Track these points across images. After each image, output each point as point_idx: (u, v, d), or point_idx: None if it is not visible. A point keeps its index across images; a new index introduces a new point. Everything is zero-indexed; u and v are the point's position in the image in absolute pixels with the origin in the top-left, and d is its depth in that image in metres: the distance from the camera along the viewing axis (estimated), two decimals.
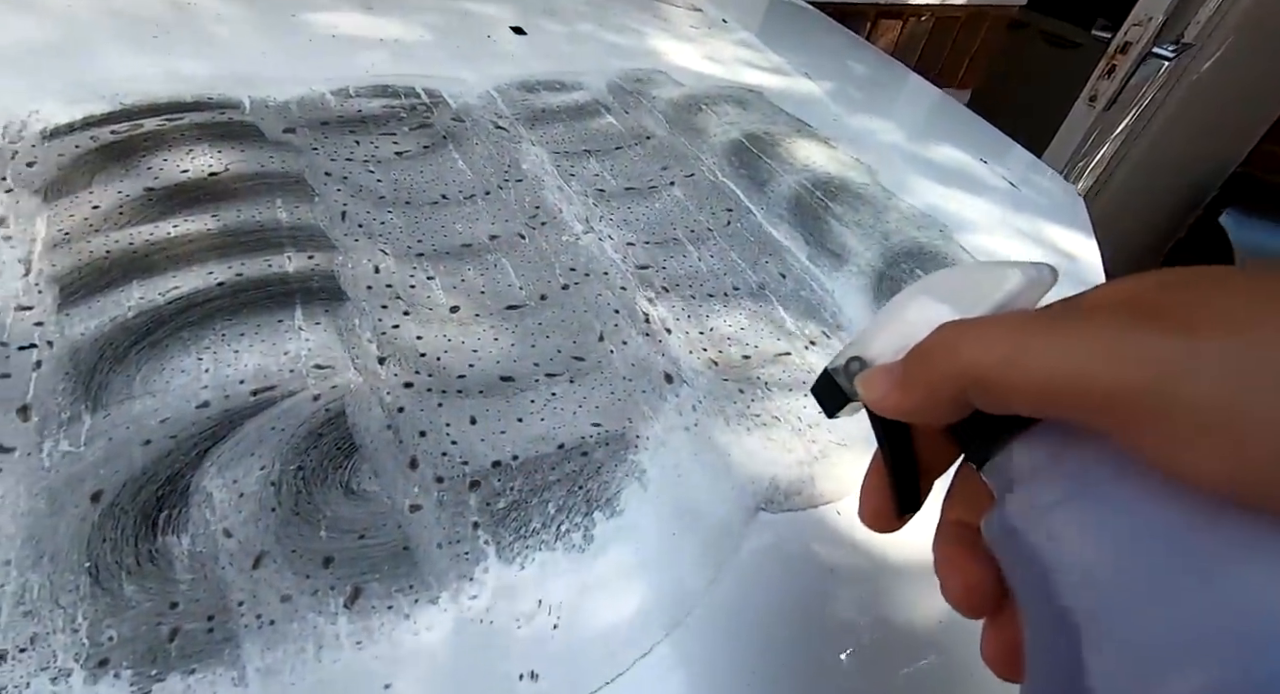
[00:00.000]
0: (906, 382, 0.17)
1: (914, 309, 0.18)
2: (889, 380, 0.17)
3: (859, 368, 0.18)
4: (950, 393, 0.15)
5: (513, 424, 0.30)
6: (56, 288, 0.30)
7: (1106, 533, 0.14)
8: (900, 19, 1.40)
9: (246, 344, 0.30)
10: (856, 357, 0.18)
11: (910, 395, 0.16)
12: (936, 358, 0.16)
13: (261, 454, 0.26)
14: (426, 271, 0.36)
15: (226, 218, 0.36)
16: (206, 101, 0.45)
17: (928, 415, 0.17)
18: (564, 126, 0.52)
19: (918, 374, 0.16)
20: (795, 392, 0.34)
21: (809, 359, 0.36)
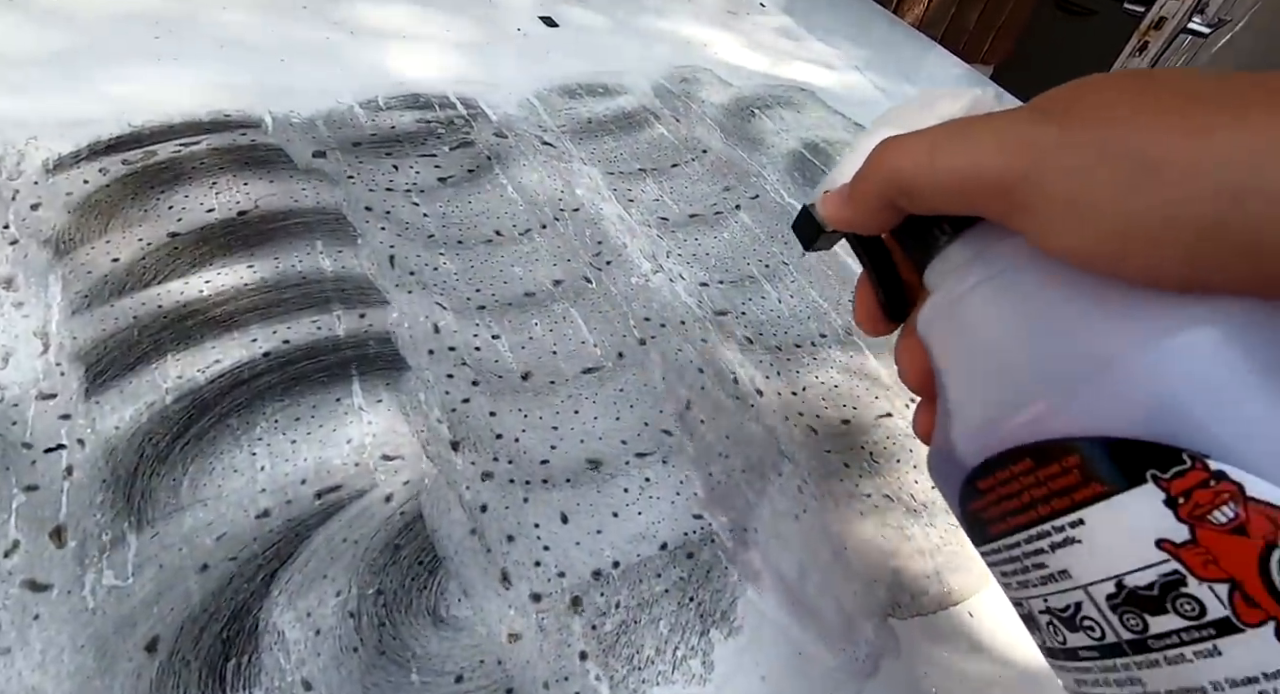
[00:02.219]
0: (850, 195, 0.19)
1: (869, 139, 0.19)
2: (839, 196, 0.19)
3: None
4: (881, 200, 0.18)
5: (608, 521, 0.26)
6: (81, 368, 0.26)
7: (992, 307, 0.16)
8: None
9: (303, 431, 0.26)
10: (828, 190, 0.20)
11: (853, 206, 0.19)
12: (870, 169, 0.18)
13: (335, 576, 0.23)
14: (490, 329, 0.32)
15: (264, 269, 0.32)
16: (224, 120, 0.40)
17: (870, 223, 0.19)
18: (614, 140, 0.48)
19: (857, 186, 0.18)
20: (904, 463, 0.31)
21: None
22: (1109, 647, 0.14)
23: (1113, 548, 0.13)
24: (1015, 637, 0.26)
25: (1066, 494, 0.14)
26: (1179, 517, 0.12)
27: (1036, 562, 0.15)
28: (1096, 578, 0.14)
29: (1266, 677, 0.12)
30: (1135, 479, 0.13)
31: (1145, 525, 0.13)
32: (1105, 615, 0.14)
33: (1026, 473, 0.14)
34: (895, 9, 1.34)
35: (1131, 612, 0.13)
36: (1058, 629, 0.15)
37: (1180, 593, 0.12)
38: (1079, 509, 0.14)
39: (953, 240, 0.17)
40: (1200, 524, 0.12)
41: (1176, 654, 0.13)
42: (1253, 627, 0.12)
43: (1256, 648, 0.12)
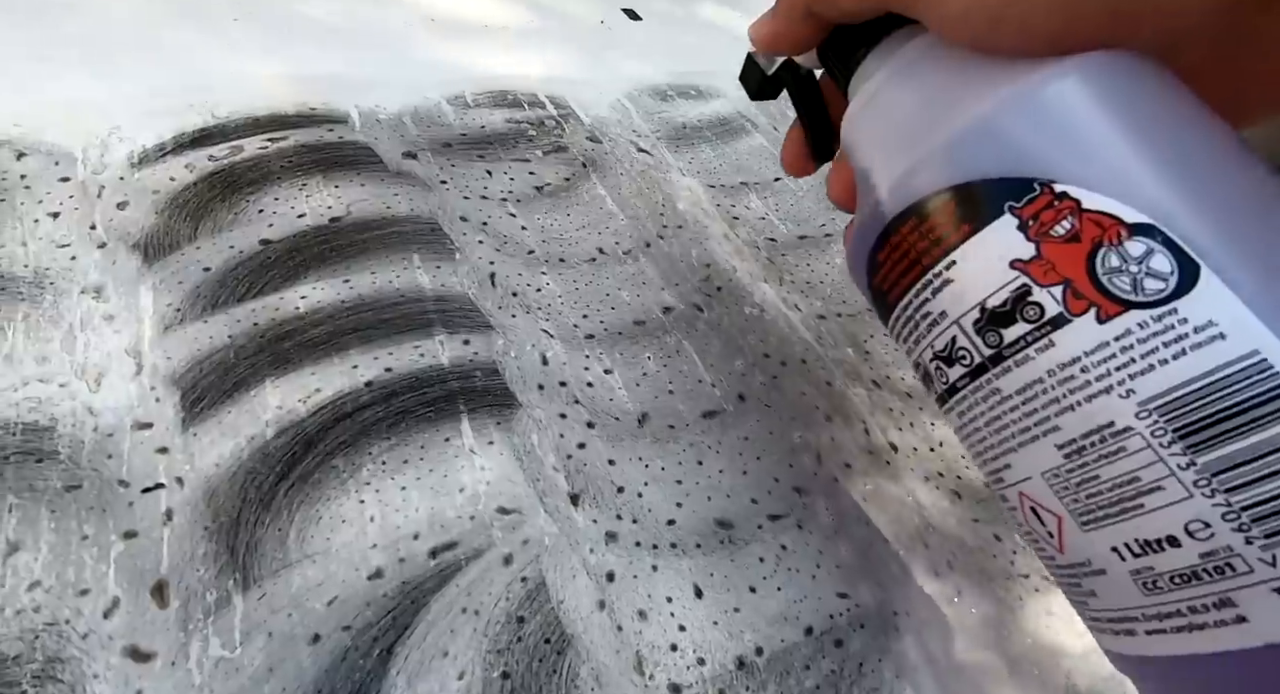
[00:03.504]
0: (774, 11, 0.20)
1: None
2: (763, 18, 0.21)
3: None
4: (800, 8, 0.19)
5: (746, 596, 0.23)
6: (177, 393, 0.24)
7: (894, 96, 0.18)
8: None
9: (413, 476, 0.24)
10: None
11: (776, 21, 0.20)
12: None
13: (457, 654, 0.20)
14: (602, 362, 0.30)
15: (361, 284, 0.29)
16: (310, 114, 0.38)
17: (795, 37, 0.20)
18: (711, 150, 0.45)
19: (780, 1, 0.20)
20: None
21: None
22: (976, 368, 0.16)
23: (977, 278, 0.15)
24: None
25: (943, 241, 0.16)
26: (1028, 237, 0.15)
27: (923, 312, 0.17)
28: (966, 308, 0.16)
29: (1086, 354, 0.14)
30: (996, 213, 0.15)
31: (1002, 251, 0.15)
32: (972, 340, 0.16)
33: (914, 231, 0.16)
34: None
35: (991, 329, 0.15)
36: (942, 370, 0.17)
37: (1027, 302, 0.15)
38: (953, 251, 0.16)
39: (870, 51, 0.19)
40: (1045, 240, 0.14)
41: (1023, 356, 0.15)
42: (1079, 316, 0.14)
43: (1080, 332, 0.14)
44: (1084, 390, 0.14)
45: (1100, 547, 0.15)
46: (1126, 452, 0.14)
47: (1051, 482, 0.15)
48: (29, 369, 0.23)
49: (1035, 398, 0.15)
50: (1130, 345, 0.13)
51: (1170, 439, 0.13)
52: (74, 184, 0.30)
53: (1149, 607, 0.14)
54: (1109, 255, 0.14)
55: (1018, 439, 0.15)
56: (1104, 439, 0.14)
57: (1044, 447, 0.15)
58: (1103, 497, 0.14)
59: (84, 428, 0.22)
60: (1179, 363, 0.13)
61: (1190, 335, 0.13)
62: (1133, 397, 0.13)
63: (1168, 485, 0.13)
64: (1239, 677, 0.13)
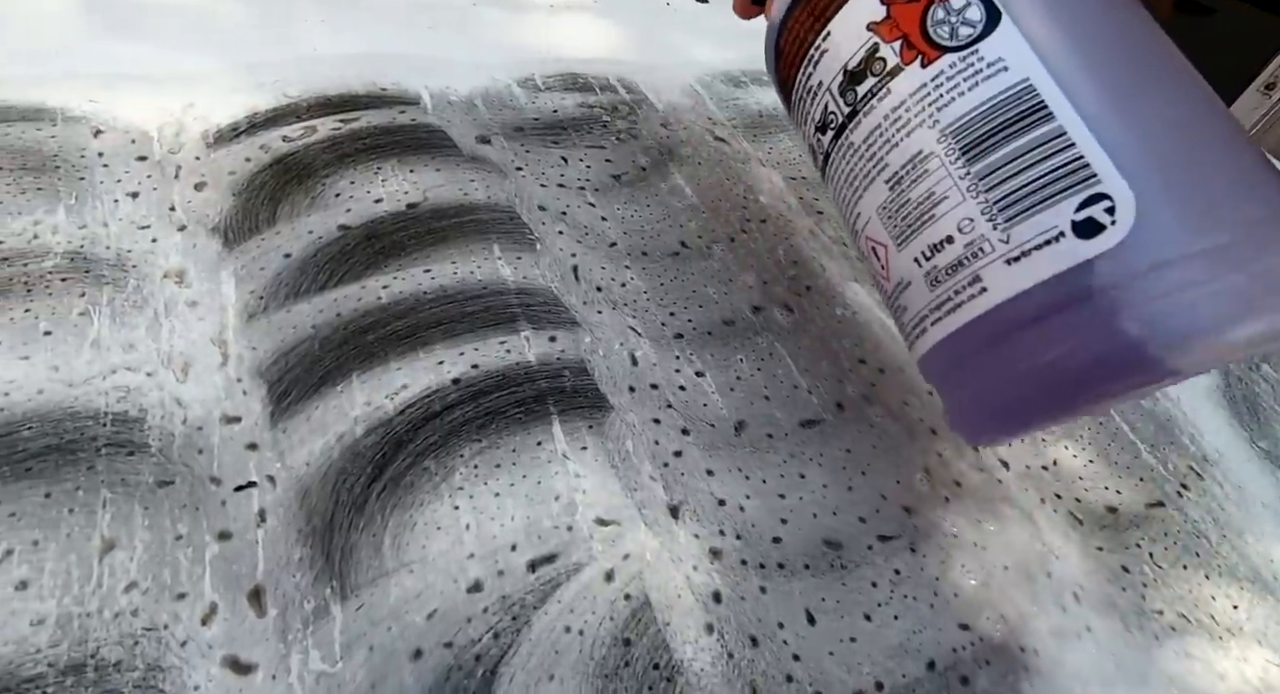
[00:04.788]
0: None
1: None
2: None
3: None
4: None
5: (861, 625, 0.22)
6: (264, 386, 0.23)
7: None
8: None
9: (506, 482, 0.22)
10: None
11: None
12: None
13: (563, 678, 0.19)
14: (693, 364, 0.28)
15: (443, 275, 0.28)
16: (382, 95, 0.37)
17: None
18: (789, 139, 0.42)
19: None
20: (1192, 570, 0.26)
21: (1188, 512, 0.28)
22: (839, 129, 0.18)
23: (842, 44, 0.18)
24: None
25: (821, 16, 0.18)
26: (883, 1, 0.17)
27: (806, 88, 0.19)
28: (833, 75, 0.18)
29: (910, 96, 0.17)
30: None
31: (862, 17, 0.17)
32: (836, 101, 0.18)
33: (803, 12, 0.18)
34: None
35: (849, 88, 0.17)
36: (820, 140, 0.19)
37: (875, 58, 0.17)
38: (828, 23, 0.18)
39: None
40: (894, 3, 0.17)
41: (868, 106, 0.17)
42: (909, 64, 0.16)
43: (908, 78, 0.17)
44: (905, 127, 0.17)
45: (907, 261, 0.18)
46: (928, 173, 0.16)
47: (881, 215, 0.18)
48: (116, 357, 0.23)
49: (874, 142, 0.17)
50: (940, 83, 0.16)
51: (956, 156, 0.16)
52: (151, 164, 0.29)
53: (932, 301, 0.17)
54: (937, 10, 0.16)
55: (861, 184, 0.18)
56: (914, 167, 0.17)
57: (877, 185, 0.18)
58: (910, 216, 0.17)
59: (173, 420, 0.21)
60: (972, 93, 0.16)
61: (984, 71, 0.16)
62: (937, 126, 0.16)
63: (950, 194, 0.16)
64: (982, 336, 0.16)
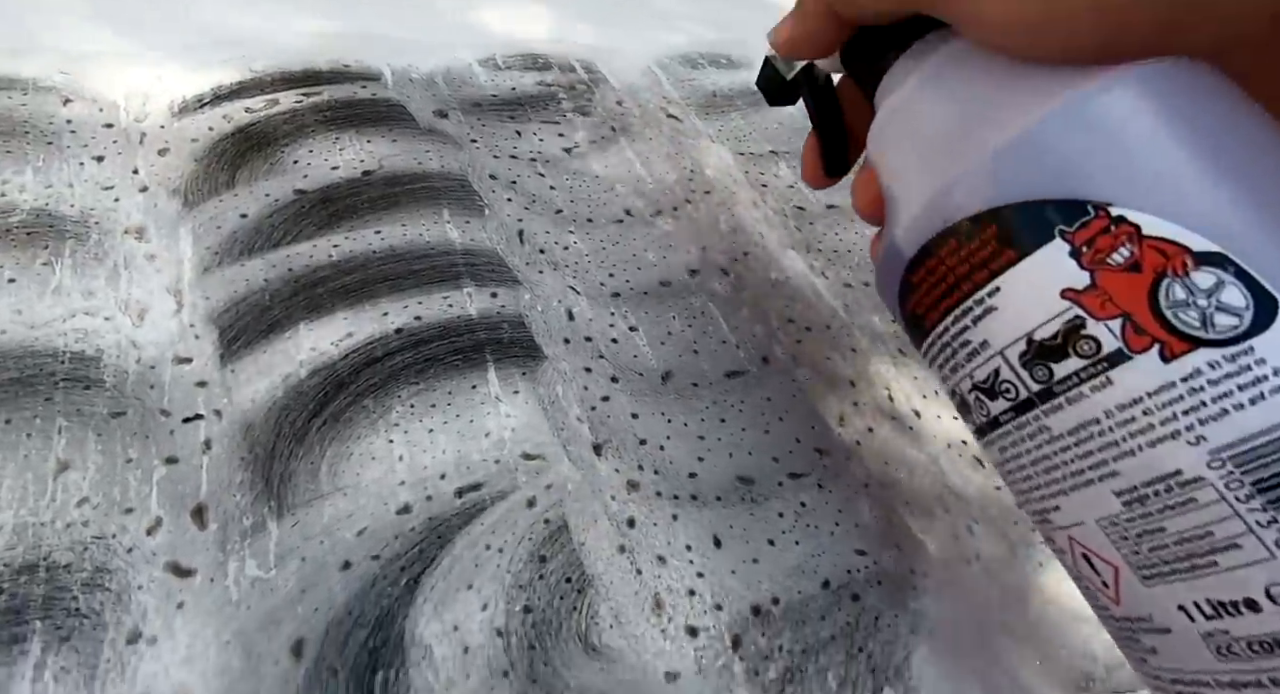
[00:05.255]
0: (794, 14, 0.19)
1: None
2: (783, 21, 0.20)
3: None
4: (822, 8, 0.18)
5: (764, 549, 0.24)
6: (215, 332, 0.25)
7: (923, 105, 0.16)
8: None
9: (440, 419, 0.24)
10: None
11: (797, 23, 0.19)
12: None
13: (481, 587, 0.21)
14: (627, 319, 0.30)
15: (391, 235, 0.30)
16: (344, 71, 0.38)
17: (817, 39, 0.19)
18: (742, 118, 0.44)
19: (801, 2, 0.19)
20: None
21: None
22: (1022, 404, 0.15)
23: (1024, 307, 0.14)
24: None
25: (985, 266, 0.15)
26: (1082, 265, 0.13)
27: (962, 340, 0.16)
28: (1011, 339, 0.15)
29: (1149, 395, 0.13)
30: (1045, 238, 0.14)
31: (1052, 279, 0.14)
32: (1018, 374, 0.15)
33: (952, 254, 0.15)
34: None
35: (1039, 364, 0.14)
36: (983, 403, 0.16)
37: (1081, 335, 0.14)
38: (996, 277, 0.14)
39: (898, 57, 0.18)
40: (1101, 268, 0.13)
41: (1076, 394, 0.14)
42: (1140, 353, 0.13)
43: (1141, 371, 0.13)
44: (1146, 434, 0.13)
45: (1165, 603, 0.13)
46: (1196, 504, 0.12)
47: (1108, 530, 0.14)
48: (76, 302, 0.24)
49: (1090, 439, 0.14)
50: (1200, 387, 0.12)
51: (1248, 493, 0.12)
52: (117, 130, 0.31)
53: (1223, 673, 0.13)
54: (1174, 287, 0.12)
55: (1069, 482, 0.14)
56: (1170, 489, 0.13)
57: (1100, 492, 0.14)
58: (1168, 550, 0.13)
59: (128, 359, 0.23)
60: (1257, 409, 0.12)
61: (1269, 378, 0.12)
62: (1203, 444, 0.12)
63: (1245, 543, 0.12)
64: None
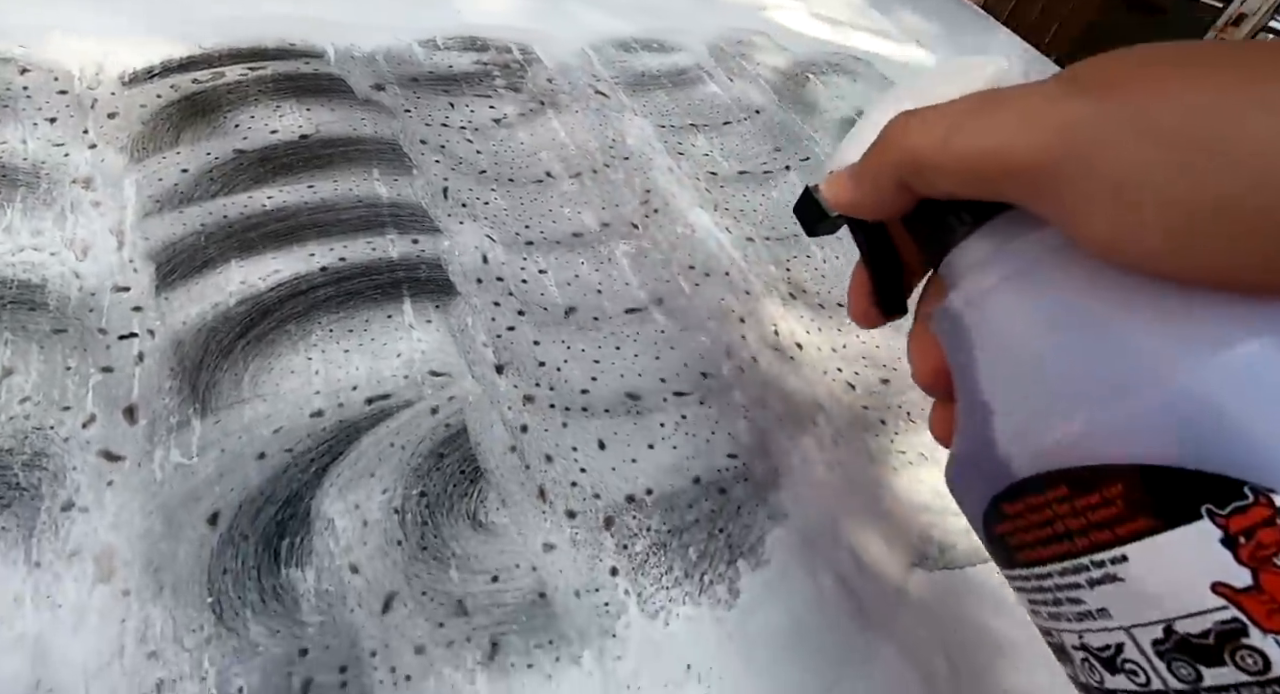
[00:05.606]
0: (858, 174, 0.17)
1: (880, 113, 0.17)
2: (846, 177, 0.18)
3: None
4: (893, 180, 0.16)
5: (643, 451, 0.27)
6: (153, 266, 0.27)
7: (1022, 308, 0.14)
8: None
9: (356, 342, 0.27)
10: (832, 171, 0.19)
11: (861, 187, 0.17)
12: (880, 148, 0.16)
13: (382, 476, 0.24)
14: (538, 264, 0.33)
15: (323, 189, 0.33)
16: (289, 49, 0.41)
17: (879, 207, 0.17)
18: (666, 95, 0.47)
19: (867, 166, 0.17)
20: None
21: None
22: (1106, 663, 0.13)
23: (1161, 589, 0.12)
24: None
25: (1108, 527, 0.12)
26: (1239, 559, 0.11)
27: (1071, 596, 0.13)
28: (1142, 621, 0.12)
29: None
30: (1188, 514, 0.11)
31: (1199, 566, 0.11)
32: (1151, 661, 0.12)
33: (1061, 501, 0.13)
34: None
35: (1183, 661, 0.12)
36: (1094, 668, 0.13)
37: (1241, 645, 0.11)
38: (1122, 544, 0.12)
39: (974, 230, 0.16)
40: (1265, 568, 0.11)
41: None
42: None
43: None
44: None
45: None
46: None
47: None
48: (25, 239, 0.27)
49: None
50: None
51: None
52: (70, 96, 0.34)
53: None
54: None
55: None
56: None
57: None
58: None
59: (70, 287, 0.26)
60: None
61: None
62: None
63: None
64: None
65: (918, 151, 0.15)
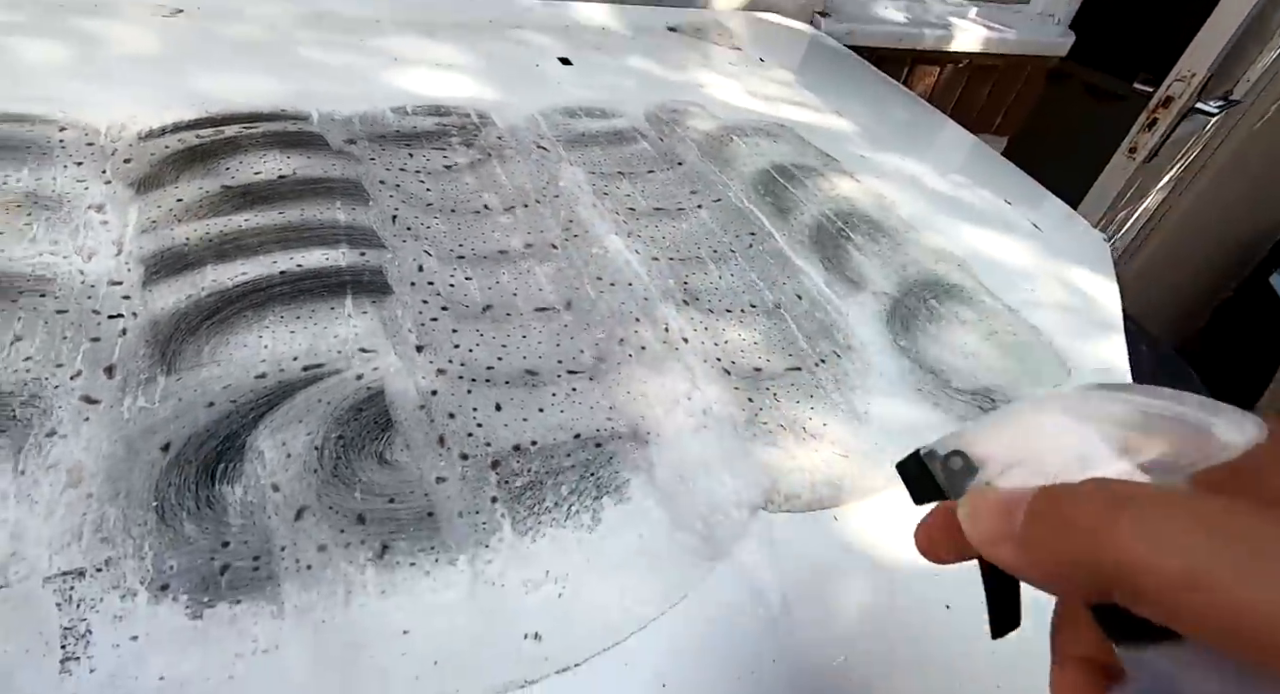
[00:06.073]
0: (1029, 542, 0.13)
1: (1050, 423, 0.14)
2: (1003, 524, 0.13)
3: (961, 466, 0.15)
4: (1087, 582, 0.12)
5: (534, 413, 0.32)
6: (143, 268, 0.34)
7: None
8: (938, 65, 1.43)
9: (301, 326, 0.33)
10: (959, 452, 0.15)
11: (1029, 559, 0.13)
12: (1079, 534, 0.12)
13: (308, 422, 0.29)
14: (465, 273, 0.39)
15: (291, 215, 0.40)
16: (280, 113, 0.50)
17: (1043, 581, 0.13)
18: (601, 150, 0.56)
19: (1047, 541, 0.13)
20: (803, 404, 0.36)
21: (818, 375, 0.38)
22: None
23: None
24: (873, 540, 0.31)
25: None
26: None
27: None
28: None
29: None
30: None
31: None
32: None
33: None
34: (905, 81, 1.43)
35: None
36: None
37: None
38: None
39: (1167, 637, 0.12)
40: None
41: None
42: None
43: None
44: None
45: None
46: None
47: None
48: (44, 247, 0.34)
49: None
50: None
51: None
52: (96, 148, 0.42)
53: None
54: None
55: None
56: None
57: None
58: None
59: (74, 280, 0.32)
60: None
61: None
62: None
63: None
64: None
65: (1148, 577, 0.11)
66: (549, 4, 0.86)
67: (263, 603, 0.23)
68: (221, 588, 0.23)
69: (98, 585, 0.22)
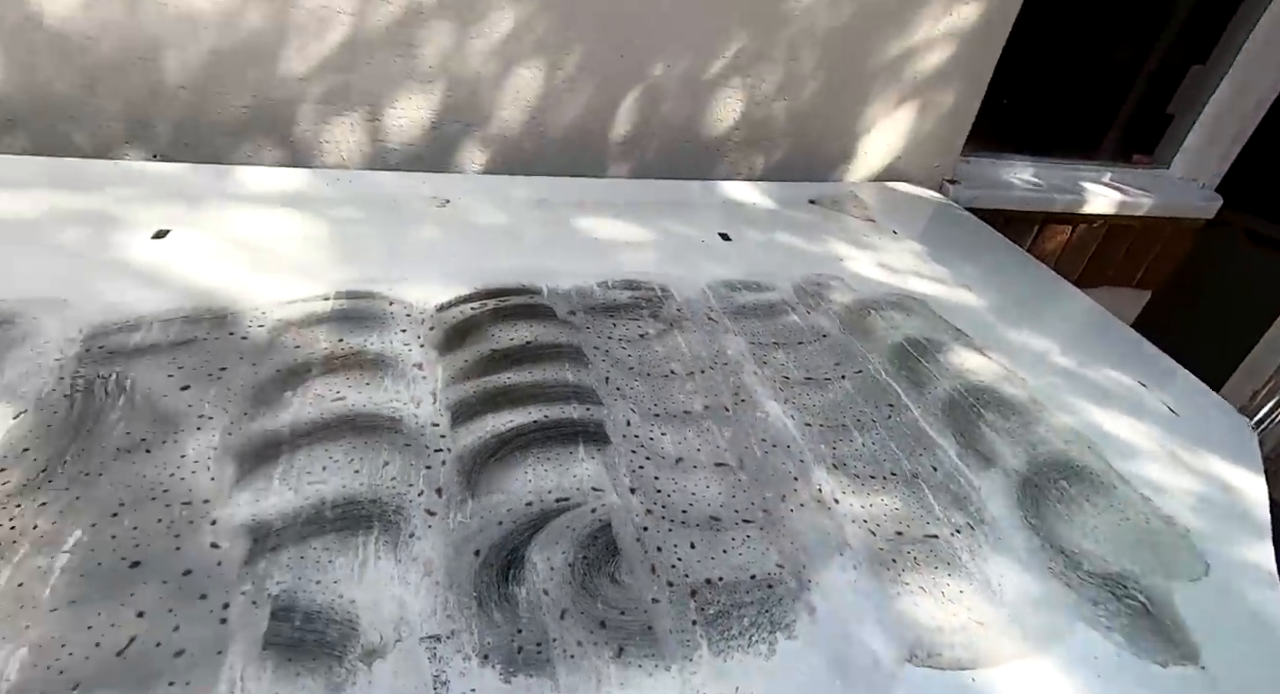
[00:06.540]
0: None
1: None
2: None
3: None
4: None
5: (719, 553, 0.41)
6: (449, 414, 0.49)
7: None
8: (1069, 225, 1.45)
9: (552, 466, 0.46)
10: None
11: None
12: None
13: (562, 543, 0.40)
14: (661, 429, 0.51)
15: (537, 375, 0.55)
16: (521, 288, 0.67)
17: None
18: (759, 322, 0.68)
19: None
20: (940, 570, 0.42)
21: (954, 545, 0.45)
22: None
23: None
24: None
25: None
26: None
27: None
28: None
29: None
30: None
31: None
32: None
33: None
34: (1035, 239, 1.45)
35: None
36: None
37: None
38: None
39: None
40: None
41: None
42: None
43: None
44: None
45: None
46: None
47: None
48: (392, 395, 0.50)
49: None
50: None
51: None
52: (413, 318, 0.60)
53: None
54: None
55: None
56: None
57: None
58: None
59: (412, 421, 0.48)
60: None
61: None
62: None
63: None
64: None
65: None
66: (707, 183, 1.05)
67: (545, 679, 0.33)
68: (519, 663, 0.34)
69: (448, 649, 0.34)
